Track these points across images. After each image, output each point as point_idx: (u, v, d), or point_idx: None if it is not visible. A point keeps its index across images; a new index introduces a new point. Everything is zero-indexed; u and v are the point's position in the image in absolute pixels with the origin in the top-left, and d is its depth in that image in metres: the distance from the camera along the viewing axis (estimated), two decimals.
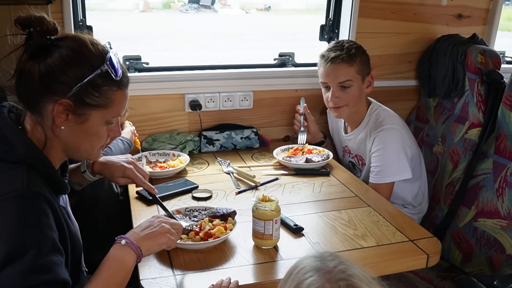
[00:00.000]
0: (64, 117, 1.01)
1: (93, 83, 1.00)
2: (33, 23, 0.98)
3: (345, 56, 1.75)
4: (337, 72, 1.78)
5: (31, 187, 0.94)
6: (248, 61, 2.25)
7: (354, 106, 1.84)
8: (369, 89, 1.85)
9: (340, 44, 1.80)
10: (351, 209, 1.52)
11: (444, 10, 2.26)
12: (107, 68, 1.01)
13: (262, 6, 12.96)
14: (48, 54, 0.99)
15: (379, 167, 1.76)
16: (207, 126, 2.08)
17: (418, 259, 1.27)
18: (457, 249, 1.85)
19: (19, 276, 0.84)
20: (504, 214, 1.71)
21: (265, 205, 1.25)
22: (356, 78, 1.79)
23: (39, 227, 0.91)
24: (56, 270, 0.89)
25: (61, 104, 0.99)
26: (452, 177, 1.96)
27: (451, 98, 2.08)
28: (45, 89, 0.98)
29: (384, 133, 1.77)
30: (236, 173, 1.77)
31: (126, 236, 1.06)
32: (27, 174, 0.95)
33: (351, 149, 1.97)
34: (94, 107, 1.02)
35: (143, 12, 11.64)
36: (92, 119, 1.04)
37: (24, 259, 0.86)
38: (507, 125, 1.76)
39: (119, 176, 1.36)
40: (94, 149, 1.11)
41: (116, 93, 1.04)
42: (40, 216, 0.92)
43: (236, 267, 1.20)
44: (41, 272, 0.87)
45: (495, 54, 1.95)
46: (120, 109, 1.08)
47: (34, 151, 1.00)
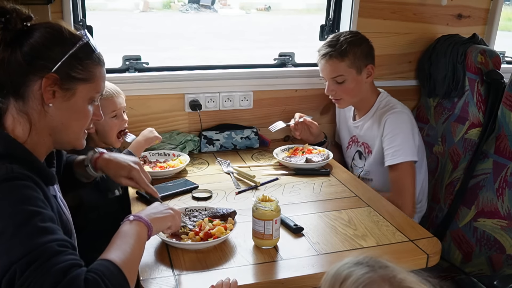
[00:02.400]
0: (51, 93, 1.01)
1: (76, 56, 1.02)
2: (7, 11, 0.99)
3: (334, 53, 1.80)
4: (328, 67, 1.84)
5: (16, 170, 0.94)
6: (248, 61, 2.25)
7: (352, 98, 1.88)
8: (370, 79, 1.86)
9: (336, 39, 1.83)
10: (351, 209, 1.52)
11: (444, 10, 2.26)
12: (87, 41, 1.05)
13: (262, 6, 12.97)
14: (28, 37, 1.00)
15: (394, 147, 1.77)
16: (207, 126, 2.08)
17: (418, 259, 1.27)
18: (457, 249, 1.85)
19: (25, 239, 0.85)
20: (504, 214, 1.71)
21: (265, 205, 1.25)
22: (348, 72, 1.81)
23: (33, 199, 0.92)
24: (59, 233, 0.90)
25: (48, 78, 0.99)
26: (452, 177, 1.96)
27: (451, 98, 2.08)
28: (31, 67, 0.99)
29: (396, 116, 1.80)
30: (236, 173, 1.77)
31: (133, 214, 1.09)
32: (9, 164, 0.95)
33: (359, 137, 1.98)
34: (79, 80, 1.04)
35: (143, 12, 11.65)
36: (78, 94, 1.05)
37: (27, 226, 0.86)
38: (507, 125, 1.76)
39: (124, 176, 1.34)
40: (81, 132, 1.11)
41: (96, 68, 1.07)
42: (31, 191, 0.93)
43: (236, 267, 1.20)
44: (47, 233, 0.88)
45: (495, 54, 1.95)
46: (102, 86, 1.10)
47: (14, 146, 1.00)
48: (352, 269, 0.78)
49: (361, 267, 0.78)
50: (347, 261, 0.80)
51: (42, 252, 0.84)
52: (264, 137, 2.12)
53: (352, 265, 0.79)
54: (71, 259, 0.87)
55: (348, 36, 1.83)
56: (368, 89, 1.89)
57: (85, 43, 1.04)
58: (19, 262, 0.83)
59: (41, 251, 0.84)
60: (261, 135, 2.12)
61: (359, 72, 1.83)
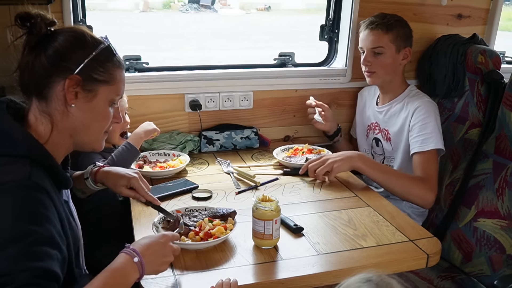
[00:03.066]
0: (73, 94, 1.04)
1: (97, 59, 1.05)
2: (33, 16, 1.02)
3: (381, 24, 1.84)
4: (371, 37, 1.87)
5: (33, 179, 0.95)
6: (248, 61, 2.25)
7: (386, 74, 1.89)
8: (405, 61, 1.89)
9: (383, 14, 1.89)
10: (351, 209, 1.52)
11: (444, 10, 2.26)
12: (109, 44, 1.08)
13: (262, 6, 12.97)
14: (52, 40, 1.04)
15: (425, 134, 1.78)
16: (207, 126, 2.08)
17: (418, 259, 1.27)
18: (457, 249, 1.85)
19: (7, 260, 0.84)
20: (504, 214, 1.71)
21: (265, 205, 1.25)
22: (389, 46, 1.85)
23: (36, 217, 0.91)
24: (48, 261, 0.88)
25: (71, 79, 1.02)
26: (452, 177, 1.96)
27: (451, 98, 2.08)
28: (54, 69, 1.03)
29: (427, 105, 1.83)
30: (236, 173, 1.77)
31: (139, 253, 1.02)
32: (29, 167, 0.97)
33: (380, 123, 1.99)
34: (100, 82, 1.07)
35: (143, 12, 11.65)
36: (99, 96, 1.07)
37: (17, 245, 0.86)
38: (507, 125, 1.76)
39: (123, 185, 1.35)
40: (101, 132, 1.13)
41: (117, 70, 1.10)
42: (38, 207, 0.93)
43: (236, 267, 1.20)
44: (31, 259, 0.86)
45: (495, 54, 1.94)
46: (121, 89, 1.13)
47: (35, 146, 1.02)
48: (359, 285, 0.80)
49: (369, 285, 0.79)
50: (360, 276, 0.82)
51: (14, 279, 0.83)
52: (264, 137, 2.12)
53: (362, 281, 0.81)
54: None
55: (394, 16, 1.89)
56: (400, 74, 1.92)
57: (106, 47, 1.07)
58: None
59: (13, 278, 0.83)
60: (261, 135, 2.12)
61: (398, 50, 1.86)
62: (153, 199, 1.37)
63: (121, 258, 1.01)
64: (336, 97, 2.23)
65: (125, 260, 1.00)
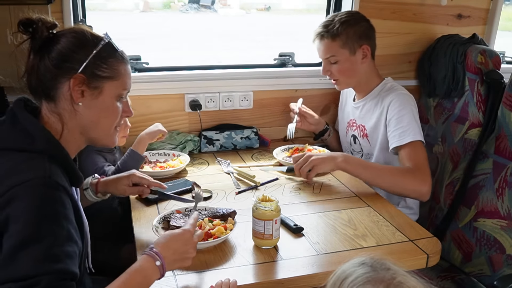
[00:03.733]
0: (80, 92, 1.06)
1: (99, 56, 1.07)
2: (34, 21, 1.04)
3: (326, 33, 1.79)
4: (321, 48, 1.83)
5: (53, 177, 0.97)
6: (248, 61, 2.25)
7: (349, 78, 1.85)
8: (366, 60, 1.81)
9: (331, 19, 1.81)
10: (351, 209, 1.52)
11: (444, 10, 2.26)
12: (109, 40, 1.10)
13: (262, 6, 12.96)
14: (55, 43, 1.06)
15: (401, 128, 1.71)
16: (207, 126, 2.08)
17: (418, 259, 1.27)
18: (457, 249, 1.85)
19: (31, 262, 0.87)
20: (504, 214, 1.71)
21: (265, 205, 1.25)
22: (340, 52, 1.79)
23: (56, 217, 0.93)
24: (67, 261, 0.91)
25: (76, 78, 1.05)
26: (452, 177, 1.96)
27: (451, 98, 2.08)
28: (59, 70, 1.05)
29: (401, 97, 1.77)
30: (236, 173, 1.77)
31: (161, 256, 1.03)
32: (48, 164, 0.99)
33: (356, 119, 1.95)
34: (105, 78, 1.09)
35: (143, 12, 11.64)
36: (106, 92, 1.10)
37: (38, 247, 0.88)
38: (507, 125, 1.76)
39: (126, 184, 1.39)
40: (111, 128, 1.15)
41: (121, 65, 1.12)
42: (58, 206, 0.95)
43: (236, 267, 1.20)
44: (52, 261, 0.88)
45: (495, 54, 1.95)
46: (128, 83, 1.15)
47: (53, 142, 1.04)
48: (354, 269, 0.79)
49: (363, 267, 0.79)
50: (354, 260, 0.82)
51: (38, 282, 0.85)
52: (264, 137, 2.12)
53: (356, 265, 0.80)
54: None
55: (343, 16, 1.81)
56: (367, 71, 1.85)
57: (107, 43, 1.09)
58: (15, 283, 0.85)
59: (38, 281, 0.85)
60: (261, 135, 2.12)
61: (353, 52, 1.79)
62: (159, 185, 1.43)
63: (143, 261, 1.03)
64: (336, 97, 2.23)
65: (147, 262, 1.02)
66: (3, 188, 0.92)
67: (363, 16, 1.86)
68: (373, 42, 1.85)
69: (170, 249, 1.07)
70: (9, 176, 0.94)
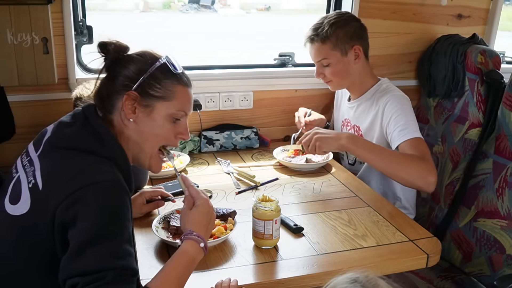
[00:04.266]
0: (132, 109, 1.11)
1: (154, 76, 1.12)
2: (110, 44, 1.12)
3: (316, 36, 1.77)
4: (312, 51, 1.81)
5: (120, 181, 1.02)
6: (248, 61, 2.25)
7: (342, 80, 1.83)
8: (359, 60, 1.78)
9: (321, 21, 1.79)
10: (351, 209, 1.52)
11: (444, 10, 2.26)
12: (165, 62, 1.13)
13: (262, 6, 12.95)
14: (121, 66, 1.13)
15: (402, 125, 1.65)
16: (207, 126, 2.08)
17: (418, 259, 1.27)
18: (457, 249, 1.85)
19: (98, 258, 0.90)
20: (504, 214, 1.71)
21: (265, 205, 1.25)
22: (332, 55, 1.77)
23: (122, 218, 0.97)
24: (129, 259, 0.94)
25: (129, 95, 1.10)
26: (452, 177, 1.96)
27: (451, 98, 2.08)
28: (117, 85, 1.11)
29: (396, 98, 1.73)
30: (236, 173, 1.77)
31: (203, 238, 1.09)
32: (115, 169, 1.04)
33: (351, 119, 1.92)
34: (157, 98, 1.12)
35: (143, 12, 11.63)
36: (156, 111, 1.13)
37: (105, 244, 0.92)
38: (507, 125, 1.76)
39: (140, 203, 1.44)
40: (155, 148, 1.17)
41: (177, 87, 1.14)
42: (124, 208, 0.99)
43: (236, 267, 1.20)
44: (117, 257, 0.92)
45: (495, 54, 1.95)
46: (184, 105, 1.16)
47: (118, 148, 1.09)
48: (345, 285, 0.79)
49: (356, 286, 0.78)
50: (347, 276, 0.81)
51: (104, 276, 0.89)
52: (264, 137, 2.12)
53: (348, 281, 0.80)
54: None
55: (332, 17, 1.78)
56: (361, 72, 1.82)
57: (162, 64, 1.13)
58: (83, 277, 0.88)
59: (104, 275, 0.89)
60: (261, 135, 2.12)
61: (344, 53, 1.77)
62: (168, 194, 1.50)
63: (188, 246, 1.08)
64: None
65: (192, 247, 1.07)
66: (73, 187, 0.95)
67: (353, 16, 1.84)
68: (365, 42, 1.81)
69: (203, 226, 1.12)
70: (80, 176, 0.97)
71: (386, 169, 1.59)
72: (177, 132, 1.18)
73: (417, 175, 1.53)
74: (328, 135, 1.67)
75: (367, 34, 1.82)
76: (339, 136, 1.66)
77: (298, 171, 1.82)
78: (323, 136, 1.66)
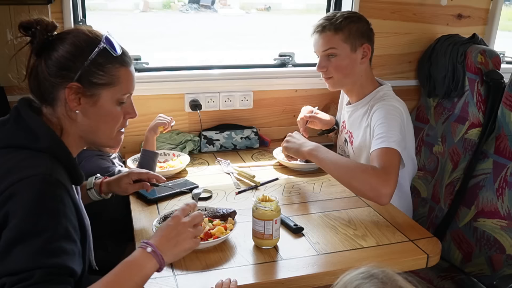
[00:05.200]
0: (76, 101, 1.05)
1: (95, 62, 1.05)
2: (34, 24, 1.03)
3: (329, 25, 1.71)
4: (321, 40, 1.74)
5: (54, 175, 0.97)
6: (248, 61, 2.25)
7: (345, 77, 1.75)
8: (365, 60, 1.73)
9: (333, 14, 1.75)
10: (351, 209, 1.52)
11: (444, 10, 2.26)
12: (105, 46, 1.06)
13: (262, 6, 12.96)
14: (52, 48, 1.05)
15: (380, 134, 1.57)
16: (207, 126, 2.08)
17: (418, 259, 1.27)
18: (457, 249, 1.85)
19: (25, 256, 0.87)
20: (504, 214, 1.71)
21: (265, 205, 1.25)
22: (342, 47, 1.71)
23: (55, 213, 0.93)
24: (64, 257, 0.91)
25: (70, 87, 1.04)
26: (452, 177, 1.96)
27: (451, 98, 2.08)
28: (55, 78, 1.04)
29: (386, 107, 1.65)
30: (236, 173, 1.77)
31: (152, 244, 1.01)
32: (50, 162, 0.99)
33: (346, 124, 1.88)
34: (102, 86, 1.07)
35: (143, 12, 11.64)
36: (103, 99, 1.08)
37: (35, 240, 0.88)
38: (507, 125, 1.76)
39: (127, 183, 1.42)
40: (112, 133, 1.14)
41: (120, 70, 1.09)
42: (58, 203, 0.95)
43: (236, 267, 1.20)
44: (48, 256, 0.88)
45: (495, 54, 1.95)
46: (128, 87, 1.12)
47: (56, 141, 1.05)
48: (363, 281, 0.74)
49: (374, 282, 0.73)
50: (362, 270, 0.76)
51: (31, 275, 0.85)
52: (264, 137, 2.12)
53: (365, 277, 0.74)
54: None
55: (345, 13, 1.76)
56: (363, 74, 1.76)
57: (102, 49, 1.06)
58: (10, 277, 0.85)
59: (31, 275, 0.85)
60: (261, 135, 2.12)
61: (354, 49, 1.71)
62: (157, 176, 1.45)
63: (135, 252, 1.02)
64: (336, 97, 2.22)
65: (138, 252, 1.00)
66: (3, 186, 0.92)
67: (364, 17, 1.81)
68: (372, 44, 1.78)
69: (162, 237, 1.04)
70: (11, 174, 0.94)
71: (340, 178, 1.53)
72: (125, 112, 1.14)
73: (369, 187, 1.43)
74: (293, 144, 1.70)
75: (374, 37, 1.80)
76: (303, 145, 1.66)
77: (298, 171, 1.82)
78: (288, 146, 1.72)
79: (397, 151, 1.52)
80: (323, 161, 1.59)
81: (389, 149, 1.52)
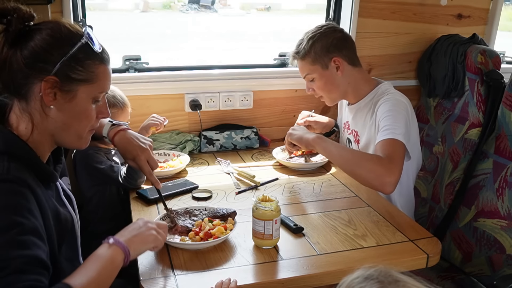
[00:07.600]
0: (52, 95, 1.01)
1: (75, 57, 1.01)
2: (11, 11, 0.98)
3: (297, 54, 1.79)
4: (298, 68, 1.83)
5: (12, 173, 0.94)
6: (248, 61, 2.25)
7: (331, 93, 1.80)
8: (340, 72, 1.74)
9: (302, 38, 1.79)
10: (351, 209, 1.52)
11: (444, 10, 2.26)
12: (87, 41, 1.03)
13: (262, 6, 12.95)
14: (29, 38, 1.00)
15: (386, 126, 1.58)
16: (207, 126, 2.08)
17: (418, 259, 1.27)
18: (457, 249, 1.85)
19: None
20: (504, 214, 1.71)
21: (265, 205, 1.25)
22: (313, 69, 1.76)
23: (19, 209, 0.91)
24: (35, 249, 0.89)
25: (47, 81, 0.99)
26: (452, 177, 1.96)
27: (451, 98, 2.08)
28: (31, 70, 0.99)
29: (390, 100, 1.67)
30: (236, 173, 1.77)
31: (113, 236, 1.04)
32: (7, 162, 0.95)
33: (350, 123, 1.90)
34: (80, 82, 1.03)
35: (143, 12, 11.63)
36: (80, 96, 1.04)
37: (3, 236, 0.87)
38: (507, 125, 1.76)
39: (130, 158, 1.36)
40: (84, 131, 1.10)
41: (99, 67, 1.05)
42: (20, 199, 0.92)
43: (236, 267, 1.20)
44: (20, 248, 0.87)
45: (495, 54, 1.95)
46: (105, 85, 1.09)
47: (14, 142, 1.00)
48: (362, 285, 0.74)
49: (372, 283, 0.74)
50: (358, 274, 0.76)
51: (4, 267, 0.84)
52: (264, 137, 2.12)
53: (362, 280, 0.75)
54: (32, 279, 0.85)
55: (310, 32, 1.77)
56: (351, 81, 1.77)
57: (84, 44, 1.02)
58: None
59: (4, 267, 0.84)
60: (261, 135, 2.12)
61: (325, 67, 1.74)
62: (155, 181, 1.38)
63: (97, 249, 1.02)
64: None
65: (101, 247, 1.02)
66: None
67: (333, 27, 1.79)
68: (346, 51, 1.76)
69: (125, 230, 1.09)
70: None
71: (344, 166, 1.57)
72: (99, 112, 1.11)
73: (373, 175, 1.46)
74: (298, 131, 1.77)
75: (349, 43, 1.78)
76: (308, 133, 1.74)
77: (298, 171, 1.82)
78: (292, 132, 1.78)
79: (403, 143, 1.53)
80: (327, 148, 1.62)
81: (394, 140, 1.53)
